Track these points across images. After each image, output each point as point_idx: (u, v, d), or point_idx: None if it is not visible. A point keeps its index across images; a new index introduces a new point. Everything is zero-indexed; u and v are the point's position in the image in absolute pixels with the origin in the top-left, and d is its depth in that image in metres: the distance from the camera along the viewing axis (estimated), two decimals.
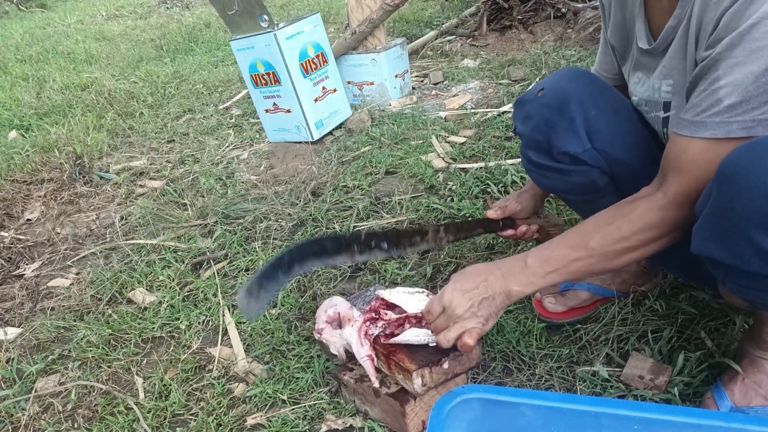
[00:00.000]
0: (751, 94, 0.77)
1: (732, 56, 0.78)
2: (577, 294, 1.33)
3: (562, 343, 1.28)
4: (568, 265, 0.94)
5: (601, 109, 1.05)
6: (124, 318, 1.62)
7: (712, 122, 0.81)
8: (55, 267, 2.00)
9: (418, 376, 1.04)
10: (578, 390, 1.15)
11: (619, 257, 0.92)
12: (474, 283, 0.98)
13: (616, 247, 0.91)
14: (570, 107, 1.04)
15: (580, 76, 1.09)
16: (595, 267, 0.94)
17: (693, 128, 0.84)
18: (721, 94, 0.79)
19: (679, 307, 1.28)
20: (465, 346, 0.98)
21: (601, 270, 0.96)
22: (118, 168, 2.73)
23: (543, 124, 1.07)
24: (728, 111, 0.79)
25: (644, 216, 0.90)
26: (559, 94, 1.06)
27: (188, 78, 4.11)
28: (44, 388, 1.43)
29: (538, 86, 1.10)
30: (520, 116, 1.13)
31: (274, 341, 1.43)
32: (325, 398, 1.24)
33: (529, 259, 0.97)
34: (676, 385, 1.10)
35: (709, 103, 0.81)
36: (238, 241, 1.90)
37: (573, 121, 1.04)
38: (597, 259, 0.93)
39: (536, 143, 1.10)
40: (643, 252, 0.92)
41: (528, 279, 0.96)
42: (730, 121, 0.79)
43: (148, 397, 1.34)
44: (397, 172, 2.22)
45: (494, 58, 3.43)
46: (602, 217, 0.95)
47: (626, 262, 0.94)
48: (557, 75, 1.10)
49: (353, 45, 2.93)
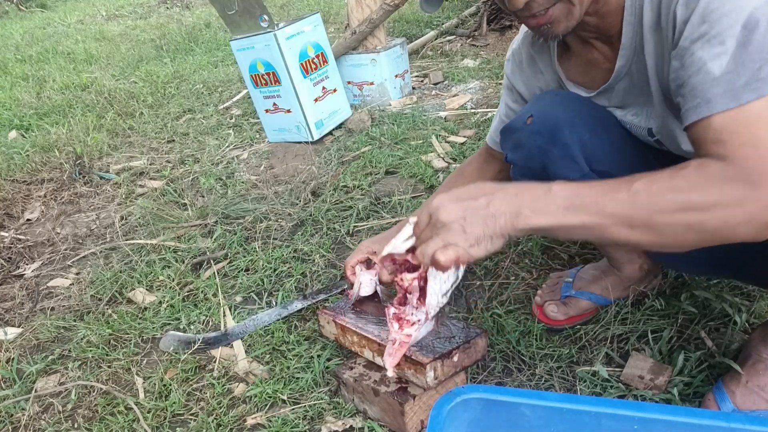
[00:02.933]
0: (741, 56, 0.73)
1: (702, 34, 0.76)
2: (579, 303, 1.32)
3: (562, 344, 1.28)
4: (602, 202, 0.74)
5: (593, 130, 1.03)
6: (124, 318, 1.62)
7: (715, 96, 0.74)
8: (55, 267, 2.00)
9: (431, 369, 1.05)
10: (578, 390, 1.15)
11: (669, 214, 0.72)
12: (474, 194, 0.79)
13: (665, 198, 0.72)
14: (563, 134, 1.01)
15: (568, 100, 1.06)
16: (634, 215, 0.73)
17: (700, 110, 0.76)
18: (710, 67, 0.75)
19: (679, 306, 1.28)
20: (436, 263, 0.77)
21: (643, 226, 0.73)
22: (118, 168, 2.73)
23: (537, 152, 1.04)
24: (725, 80, 0.74)
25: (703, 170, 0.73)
26: (549, 120, 1.03)
27: (188, 78, 4.11)
28: (44, 388, 1.43)
29: (525, 112, 1.07)
30: (510, 144, 1.10)
31: (274, 341, 1.43)
32: (325, 398, 1.24)
33: (555, 186, 0.77)
34: (676, 385, 1.10)
35: (702, 81, 0.76)
36: (238, 241, 1.90)
37: (568, 148, 1.02)
38: (639, 206, 0.72)
39: (531, 171, 1.07)
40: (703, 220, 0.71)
41: (547, 206, 0.75)
42: (735, 88, 0.73)
43: (148, 397, 1.34)
44: (397, 172, 2.22)
45: (494, 58, 3.43)
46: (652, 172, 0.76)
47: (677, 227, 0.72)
48: (544, 100, 1.07)
49: (353, 45, 2.93)
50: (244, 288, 1.69)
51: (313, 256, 1.77)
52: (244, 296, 1.66)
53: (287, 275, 1.71)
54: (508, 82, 1.25)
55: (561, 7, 0.89)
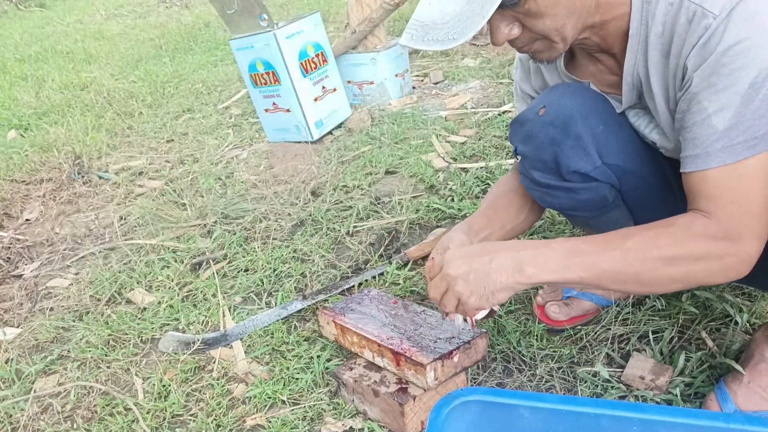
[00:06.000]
0: (743, 113, 0.78)
1: (711, 85, 0.79)
2: (581, 304, 1.33)
3: (562, 344, 1.28)
4: (598, 260, 0.84)
5: (606, 122, 1.03)
6: (123, 318, 1.62)
7: (715, 150, 0.81)
8: (54, 267, 2.00)
9: (431, 370, 1.05)
10: (579, 391, 1.15)
11: (656, 269, 0.83)
12: (479, 252, 0.91)
13: (653, 254, 0.82)
14: (577, 125, 1.01)
15: (581, 91, 1.05)
16: (626, 271, 0.84)
17: (699, 162, 0.82)
18: (713, 121, 0.80)
19: (680, 306, 1.28)
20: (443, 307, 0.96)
21: (633, 280, 0.84)
22: (117, 168, 2.73)
23: (548, 143, 1.03)
24: (726, 135, 0.79)
25: (689, 228, 0.83)
26: (562, 111, 1.02)
27: (187, 77, 4.11)
28: (43, 388, 1.43)
29: (537, 104, 1.07)
30: (520, 136, 1.09)
31: (274, 342, 1.43)
32: (325, 399, 1.24)
33: (555, 244, 0.88)
34: (677, 385, 1.10)
35: (705, 134, 0.81)
36: (238, 241, 1.90)
37: (580, 139, 1.01)
38: (630, 263, 0.83)
39: (542, 163, 1.06)
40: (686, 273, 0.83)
41: (546, 262, 0.86)
42: (733, 145, 0.79)
43: (147, 398, 1.34)
44: (397, 171, 2.22)
45: (495, 57, 3.43)
46: (643, 225, 0.88)
47: (663, 279, 0.84)
48: (557, 91, 1.07)
49: (353, 44, 2.93)
50: (244, 288, 1.69)
51: (312, 256, 1.77)
52: (244, 296, 1.66)
53: (287, 275, 1.71)
54: (520, 91, 1.22)
55: (542, 43, 0.90)
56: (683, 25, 0.82)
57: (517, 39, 0.89)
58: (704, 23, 0.79)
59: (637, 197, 1.09)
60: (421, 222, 1.87)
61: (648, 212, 1.09)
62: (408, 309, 1.28)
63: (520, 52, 0.94)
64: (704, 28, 0.79)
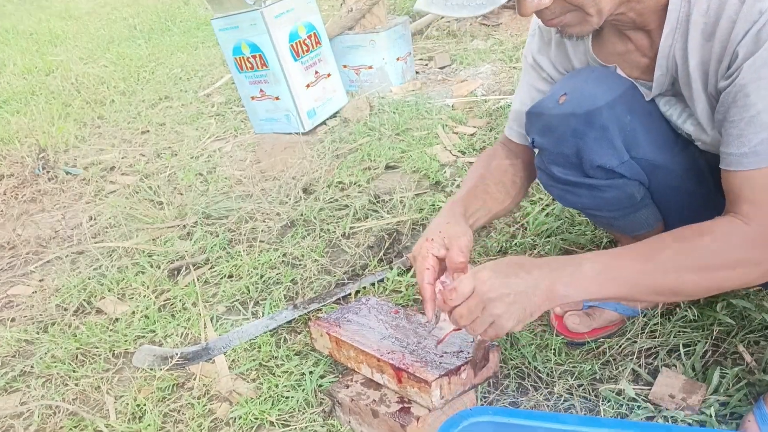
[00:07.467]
0: None
1: (760, 77, 0.80)
2: (604, 314, 1.32)
3: (583, 359, 1.28)
4: (632, 276, 0.89)
5: (634, 111, 1.02)
6: (93, 330, 1.62)
7: (765, 150, 0.82)
8: (16, 273, 2.00)
9: (437, 387, 1.05)
10: (602, 411, 1.15)
11: (693, 281, 0.87)
12: (513, 271, 0.91)
13: (690, 266, 0.87)
14: (601, 114, 1.00)
15: (606, 77, 1.04)
16: (662, 285, 0.88)
17: (746, 162, 0.84)
18: (763, 118, 0.81)
19: (714, 317, 1.28)
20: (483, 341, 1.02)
21: (669, 292, 0.90)
22: (86, 162, 2.73)
23: (570, 135, 1.03)
24: None
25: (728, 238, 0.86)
26: (586, 99, 1.01)
27: (165, 61, 4.11)
28: (3, 408, 1.43)
29: (557, 91, 1.06)
30: (537, 128, 1.08)
31: (261, 356, 1.43)
32: (318, 420, 1.24)
33: (586, 261, 0.91)
34: (712, 405, 1.10)
35: (754, 131, 0.82)
36: (221, 244, 1.91)
37: (606, 130, 1.01)
38: (666, 277, 0.87)
39: (563, 157, 1.06)
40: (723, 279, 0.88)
41: (580, 283, 0.89)
42: None
43: (119, 419, 1.34)
44: (399, 166, 2.22)
45: (507, 38, 3.43)
46: (675, 232, 0.91)
47: (699, 289, 0.90)
48: (579, 76, 1.06)
49: (350, 24, 2.93)
50: (228, 296, 1.69)
51: (304, 261, 1.78)
52: (228, 306, 1.67)
53: (276, 282, 1.71)
54: (533, 61, 1.19)
55: (574, 15, 0.90)
56: (734, 5, 0.81)
57: (547, 9, 0.88)
58: (759, 6, 0.79)
59: (667, 195, 1.09)
60: (425, 222, 1.87)
61: (680, 212, 1.09)
62: (410, 320, 1.28)
63: (547, 24, 0.94)
64: (759, 13, 0.79)
